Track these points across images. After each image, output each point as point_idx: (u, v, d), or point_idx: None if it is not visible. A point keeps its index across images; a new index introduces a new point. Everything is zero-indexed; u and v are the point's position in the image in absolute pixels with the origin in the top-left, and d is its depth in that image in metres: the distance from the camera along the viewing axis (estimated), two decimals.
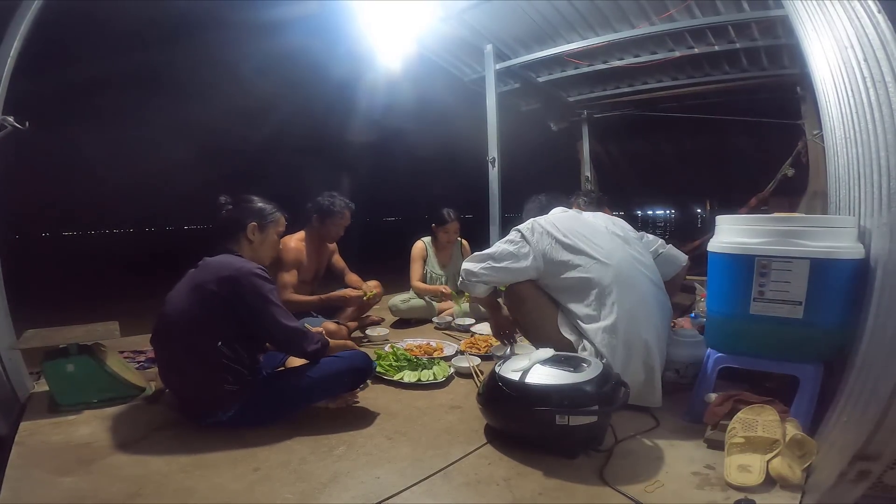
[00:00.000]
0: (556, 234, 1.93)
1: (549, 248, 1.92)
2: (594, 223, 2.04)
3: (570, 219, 2.05)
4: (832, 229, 1.57)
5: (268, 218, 1.87)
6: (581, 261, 1.87)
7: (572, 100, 5.42)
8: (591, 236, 1.94)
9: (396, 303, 3.27)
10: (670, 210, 27.03)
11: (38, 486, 1.38)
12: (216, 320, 1.65)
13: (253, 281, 1.66)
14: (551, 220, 2.02)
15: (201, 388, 1.67)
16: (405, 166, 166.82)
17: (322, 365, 1.79)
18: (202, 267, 1.74)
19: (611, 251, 1.89)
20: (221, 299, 1.63)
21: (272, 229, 1.90)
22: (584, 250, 1.88)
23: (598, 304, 1.83)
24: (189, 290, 1.69)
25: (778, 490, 1.30)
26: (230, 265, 1.69)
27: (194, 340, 1.65)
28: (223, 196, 1.87)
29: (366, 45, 3.93)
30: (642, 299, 1.84)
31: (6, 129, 1.92)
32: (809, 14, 1.93)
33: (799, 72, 3.65)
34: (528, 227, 2.00)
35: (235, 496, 1.33)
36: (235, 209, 1.84)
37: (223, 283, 1.64)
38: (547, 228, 1.96)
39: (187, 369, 1.67)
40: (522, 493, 1.33)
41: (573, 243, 1.90)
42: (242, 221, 1.82)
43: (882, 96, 1.39)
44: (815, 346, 1.59)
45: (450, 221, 3.36)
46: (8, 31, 1.96)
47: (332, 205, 2.86)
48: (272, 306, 1.67)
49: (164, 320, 1.71)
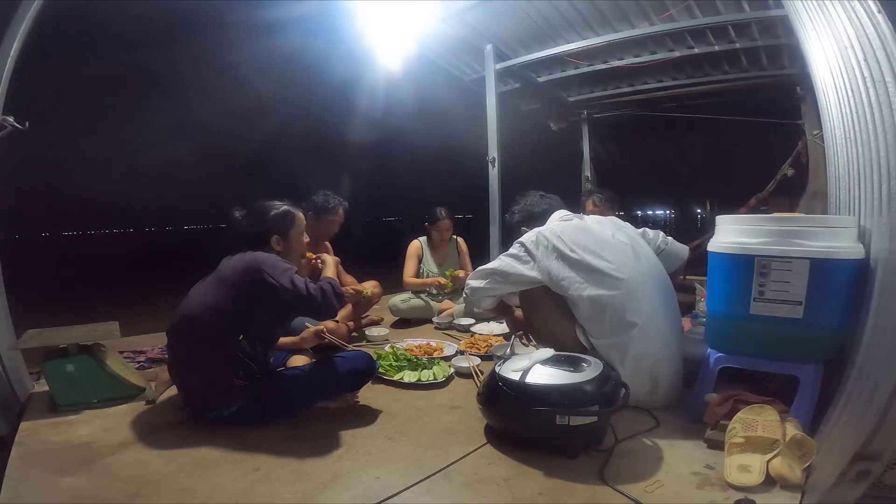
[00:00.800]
0: (562, 248, 1.86)
1: (556, 266, 1.85)
2: (601, 234, 1.95)
3: (575, 230, 1.95)
4: (832, 229, 1.57)
5: (287, 223, 1.85)
6: (590, 279, 1.80)
7: (572, 100, 5.42)
8: (600, 250, 1.86)
9: (396, 302, 3.28)
10: (670, 210, 27.04)
11: (38, 486, 1.38)
12: (241, 314, 1.67)
13: (274, 264, 1.67)
14: (556, 231, 1.92)
15: (211, 380, 1.68)
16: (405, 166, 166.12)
17: (325, 366, 1.80)
18: (224, 263, 1.76)
19: (621, 265, 1.83)
20: (247, 290, 1.65)
21: (294, 232, 1.88)
22: (594, 267, 1.81)
23: (609, 323, 1.79)
24: (213, 284, 1.71)
25: (778, 490, 1.30)
26: (250, 256, 1.71)
27: (216, 333, 1.66)
28: (237, 210, 1.85)
29: (366, 45, 3.93)
30: (654, 314, 1.81)
31: (6, 129, 1.92)
32: (809, 14, 1.93)
33: (799, 72, 3.65)
34: (533, 241, 1.92)
35: (235, 496, 1.33)
36: (254, 224, 1.82)
37: (245, 273, 1.66)
38: (553, 242, 1.88)
39: (202, 361, 1.68)
40: (522, 493, 1.33)
41: (581, 259, 1.83)
42: (264, 237, 1.81)
43: (882, 96, 1.39)
44: (815, 346, 1.59)
45: (441, 219, 3.40)
46: (8, 31, 1.95)
47: (327, 202, 2.88)
48: (293, 282, 1.65)
49: (185, 313, 1.71)
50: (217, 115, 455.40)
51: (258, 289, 1.65)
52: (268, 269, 1.65)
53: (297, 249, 1.90)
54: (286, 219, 1.86)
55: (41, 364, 1.91)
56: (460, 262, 3.58)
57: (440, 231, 3.43)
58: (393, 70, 4.15)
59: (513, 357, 1.72)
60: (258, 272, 1.65)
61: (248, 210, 1.86)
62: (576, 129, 5.89)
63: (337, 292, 1.73)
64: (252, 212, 1.85)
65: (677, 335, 1.91)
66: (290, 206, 1.89)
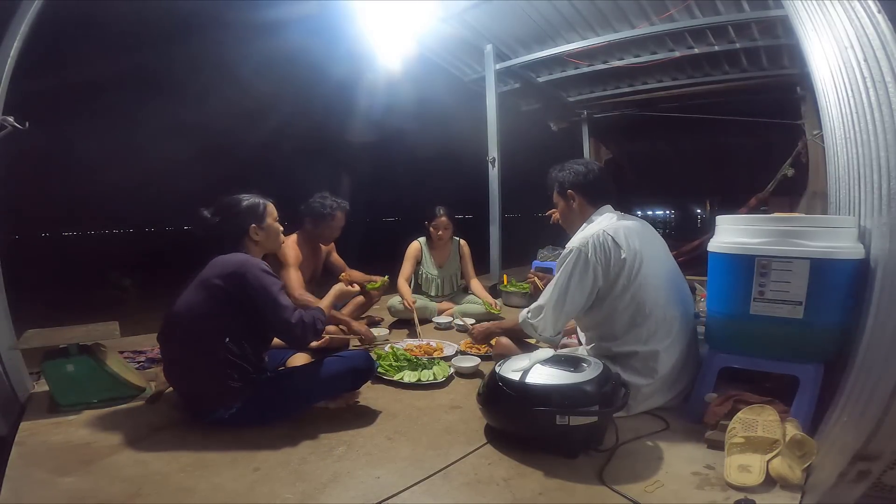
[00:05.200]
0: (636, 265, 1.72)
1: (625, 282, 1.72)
2: (660, 249, 1.86)
3: (639, 237, 1.78)
4: (832, 229, 1.57)
5: (261, 212, 1.85)
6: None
7: (572, 100, 5.43)
8: (660, 277, 1.77)
9: (395, 303, 3.27)
10: (670, 210, 27.01)
11: (38, 486, 1.38)
12: (223, 316, 1.65)
13: (258, 275, 1.66)
14: (628, 240, 1.74)
15: (206, 383, 1.67)
16: (405, 166, 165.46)
17: (324, 365, 1.80)
18: (210, 264, 1.73)
19: (668, 296, 1.76)
20: (227, 294, 1.64)
21: (269, 220, 1.88)
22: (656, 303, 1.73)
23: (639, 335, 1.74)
24: (196, 287, 1.69)
25: (778, 490, 1.30)
26: (235, 260, 1.69)
27: (201, 336, 1.65)
28: (205, 210, 1.82)
29: (366, 45, 3.93)
30: (685, 350, 1.79)
31: (6, 129, 1.92)
32: (809, 14, 1.93)
33: (799, 72, 3.66)
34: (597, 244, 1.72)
35: (235, 496, 1.33)
36: (228, 220, 1.81)
37: (228, 277, 1.65)
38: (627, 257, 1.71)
39: (193, 365, 1.68)
40: (522, 493, 1.33)
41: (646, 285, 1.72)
42: (243, 227, 1.81)
43: (882, 96, 1.39)
44: (815, 346, 1.59)
45: (439, 216, 3.30)
46: (8, 32, 1.95)
47: (324, 207, 2.83)
48: (276, 301, 1.66)
49: (172, 317, 1.71)
50: (217, 115, 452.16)
51: (239, 294, 1.64)
52: (252, 278, 1.64)
53: (275, 237, 1.90)
54: (258, 208, 1.85)
55: (41, 364, 1.90)
56: (462, 265, 3.50)
57: (437, 228, 3.33)
58: (393, 70, 4.15)
59: (513, 357, 1.72)
60: (242, 277, 1.64)
61: (217, 206, 1.83)
62: (576, 129, 5.89)
63: (316, 328, 1.74)
64: (222, 207, 1.83)
65: (693, 351, 1.88)
66: (258, 197, 1.88)
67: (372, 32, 3.85)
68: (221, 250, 1.75)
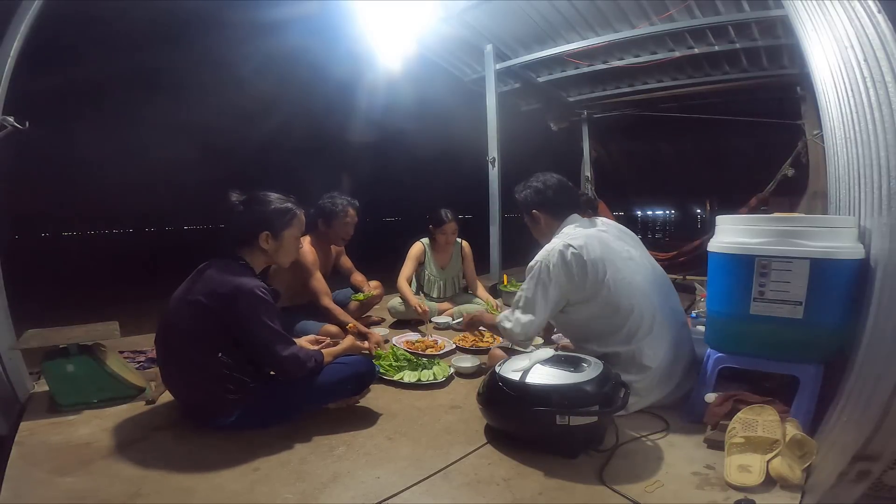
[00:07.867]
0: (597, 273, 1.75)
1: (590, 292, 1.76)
2: (631, 248, 1.88)
3: (601, 242, 1.81)
4: (832, 229, 1.57)
5: (284, 222, 1.72)
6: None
7: (572, 100, 5.43)
8: (629, 279, 1.77)
9: (395, 304, 3.26)
10: (670, 210, 27.05)
11: (38, 486, 1.38)
12: (212, 333, 1.59)
13: (251, 302, 1.57)
14: (593, 252, 1.77)
15: (203, 396, 1.65)
16: (405, 166, 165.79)
17: (325, 371, 1.75)
18: (202, 280, 1.63)
19: (642, 296, 1.76)
20: (215, 315, 1.56)
21: (289, 233, 1.73)
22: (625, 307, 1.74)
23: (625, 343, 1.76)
24: (185, 304, 1.60)
25: (778, 490, 1.31)
26: (230, 283, 1.58)
27: (193, 353, 1.60)
28: (234, 193, 1.70)
29: (366, 45, 3.93)
30: (673, 344, 1.79)
31: (6, 129, 1.92)
32: (809, 14, 1.93)
33: (799, 72, 3.66)
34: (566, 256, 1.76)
35: (235, 496, 1.33)
36: (247, 212, 1.69)
37: (219, 299, 1.56)
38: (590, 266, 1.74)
39: (189, 379, 1.66)
40: (522, 493, 1.33)
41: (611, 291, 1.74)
42: (254, 230, 1.68)
43: (882, 96, 1.39)
44: (815, 346, 1.59)
45: (447, 222, 3.25)
46: (8, 31, 1.95)
47: (334, 205, 2.81)
48: (267, 331, 1.59)
49: (164, 328, 1.67)
50: (217, 114, 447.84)
51: (227, 318, 1.56)
52: (244, 306, 1.55)
53: (288, 253, 1.77)
54: (286, 216, 1.72)
55: (41, 364, 1.90)
56: (463, 266, 3.48)
57: (445, 234, 3.27)
58: (393, 70, 4.15)
59: (513, 357, 1.72)
60: (233, 302, 1.55)
61: (249, 196, 1.72)
62: (576, 129, 5.89)
63: (308, 367, 1.65)
64: (252, 199, 1.71)
65: (687, 353, 1.88)
66: (294, 205, 1.75)
67: (372, 32, 3.85)
68: (222, 251, 1.70)
